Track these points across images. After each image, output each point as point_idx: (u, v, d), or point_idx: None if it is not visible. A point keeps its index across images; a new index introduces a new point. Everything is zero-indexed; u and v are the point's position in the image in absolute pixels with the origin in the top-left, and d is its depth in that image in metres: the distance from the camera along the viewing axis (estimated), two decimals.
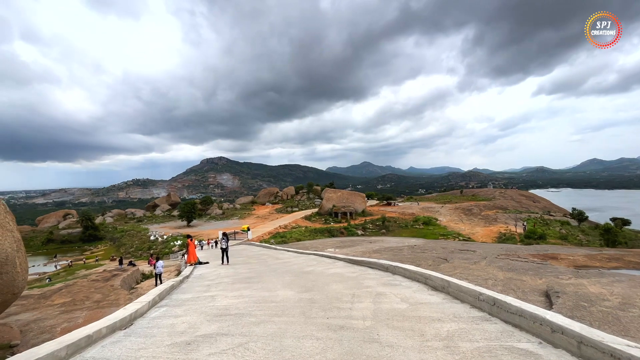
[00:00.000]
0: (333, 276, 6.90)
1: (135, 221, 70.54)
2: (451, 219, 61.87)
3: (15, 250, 4.84)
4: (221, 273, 9.01)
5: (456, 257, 9.89)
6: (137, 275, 14.15)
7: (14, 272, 4.83)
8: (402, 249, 13.17)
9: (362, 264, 8.01)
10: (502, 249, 12.30)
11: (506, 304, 3.47)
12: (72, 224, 61.61)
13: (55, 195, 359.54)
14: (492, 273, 7.29)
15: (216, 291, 6.31)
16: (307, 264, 9.31)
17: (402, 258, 10.02)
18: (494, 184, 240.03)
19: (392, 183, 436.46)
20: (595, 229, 55.83)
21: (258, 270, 8.97)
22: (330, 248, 16.37)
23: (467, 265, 8.47)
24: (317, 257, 10.92)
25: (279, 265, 9.73)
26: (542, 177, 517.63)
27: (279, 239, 40.27)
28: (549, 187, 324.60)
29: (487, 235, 48.51)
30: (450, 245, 13.94)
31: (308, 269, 8.08)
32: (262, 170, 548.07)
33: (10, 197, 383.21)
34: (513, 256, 10.07)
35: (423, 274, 5.62)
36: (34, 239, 56.79)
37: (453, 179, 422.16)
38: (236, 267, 10.54)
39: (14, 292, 5.08)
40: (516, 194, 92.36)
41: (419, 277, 5.74)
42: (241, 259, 14.21)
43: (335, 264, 8.62)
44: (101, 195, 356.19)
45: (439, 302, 4.37)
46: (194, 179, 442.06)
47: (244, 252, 19.44)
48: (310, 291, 5.60)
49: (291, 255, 12.95)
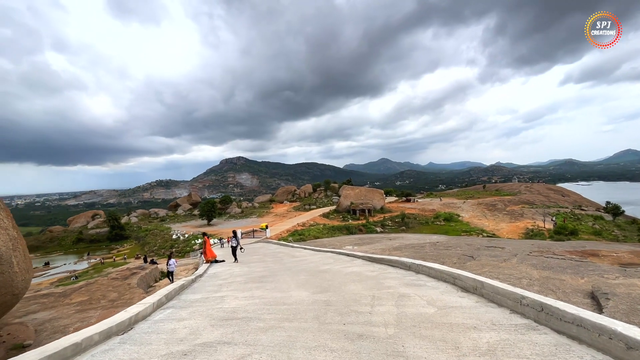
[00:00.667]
0: (351, 275, 6.42)
1: (158, 220, 72.56)
2: (474, 215, 59.71)
3: (12, 249, 4.67)
4: (235, 272, 8.73)
5: (483, 255, 9.16)
6: (155, 273, 14.20)
7: (11, 272, 4.66)
8: (423, 245, 12.50)
9: (382, 262, 7.48)
10: (534, 246, 11.37)
11: (559, 310, 2.87)
12: (100, 224, 64.11)
13: (85, 197, 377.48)
14: (525, 271, 6.59)
15: (227, 291, 5.98)
16: (324, 262, 8.87)
17: (424, 255, 9.41)
18: (519, 178, 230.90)
19: (410, 179, 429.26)
20: (633, 223, 52.44)
21: (273, 268, 8.62)
22: (348, 245, 15.87)
23: (496, 263, 7.76)
24: (334, 254, 10.46)
25: (295, 263, 9.35)
26: (571, 170, 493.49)
27: (297, 237, 40.11)
28: (578, 181, 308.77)
29: (513, 232, 46.41)
30: (476, 241, 13.11)
31: (324, 268, 7.64)
32: (280, 169, 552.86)
33: (45, 199, 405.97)
34: (547, 253, 9.22)
35: (451, 273, 5.05)
36: (65, 239, 59.55)
37: (475, 174, 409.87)
38: (251, 265, 10.26)
39: (14, 293, 4.94)
40: (543, 188, 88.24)
41: (446, 276, 5.17)
42: (257, 257, 13.96)
43: (353, 262, 8.14)
44: (127, 196, 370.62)
45: (472, 306, 3.81)
46: (214, 179, 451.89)
47: (261, 250, 19.24)
48: (325, 292, 5.15)
49: (307, 253, 12.55)
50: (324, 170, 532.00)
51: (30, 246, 57.29)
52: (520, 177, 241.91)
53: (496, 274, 6.42)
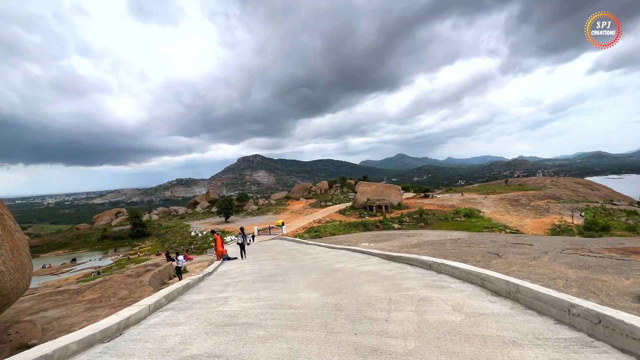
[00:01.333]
0: (365, 275, 5.94)
1: (178, 218, 74.22)
2: (496, 211, 57.54)
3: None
4: (245, 270, 8.42)
5: (510, 252, 8.43)
6: (170, 270, 14.18)
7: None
8: (444, 242, 11.81)
9: (400, 260, 6.94)
10: (565, 242, 10.45)
11: (624, 324, 2.30)
12: (123, 222, 66.20)
13: (110, 196, 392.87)
14: (559, 271, 5.90)
15: (233, 291, 5.62)
16: (338, 260, 8.42)
17: (445, 253, 8.78)
18: (544, 172, 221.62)
19: (428, 175, 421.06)
20: None
21: (284, 267, 8.25)
22: (364, 242, 15.35)
23: (525, 262, 7.07)
24: (349, 252, 9.99)
25: (307, 261, 8.94)
26: (600, 163, 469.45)
27: (313, 234, 39.84)
28: (608, 174, 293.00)
29: (538, 228, 44.34)
30: (500, 238, 12.28)
31: (337, 266, 7.19)
32: (296, 166, 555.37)
33: (74, 198, 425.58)
34: (582, 250, 8.37)
35: (478, 273, 4.47)
36: (91, 236, 61.87)
37: (496, 169, 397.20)
38: (262, 263, 9.95)
39: (2, 294, 4.77)
40: (571, 182, 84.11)
41: (473, 277, 4.59)
42: (270, 254, 13.67)
43: (368, 260, 7.64)
44: (149, 195, 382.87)
45: (506, 314, 3.25)
46: (231, 176, 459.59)
47: (275, 247, 19.01)
48: (337, 294, 4.70)
49: (321, 251, 12.13)
50: (340, 167, 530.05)
51: (59, 243, 59.95)
52: (544, 171, 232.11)
53: (526, 274, 5.78)
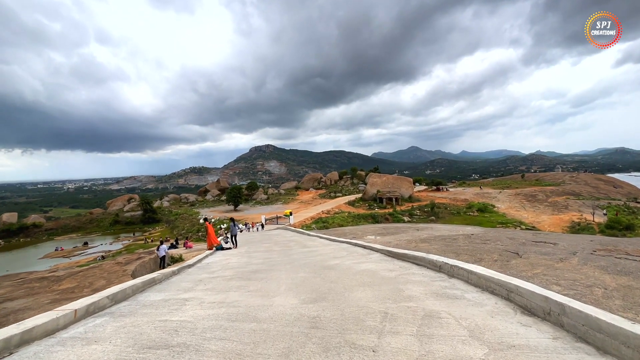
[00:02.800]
0: (362, 275, 4.99)
1: (188, 205, 74.84)
2: (511, 206, 55.49)
3: None
4: (231, 263, 7.61)
5: (531, 251, 7.31)
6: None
7: None
8: (456, 238, 10.67)
9: (405, 258, 5.96)
10: (594, 242, 9.13)
11: None
12: (135, 208, 67.10)
13: (126, 182, 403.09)
14: (594, 276, 4.81)
15: (200, 291, 4.75)
16: (335, 254, 7.50)
17: (457, 250, 7.75)
18: (562, 167, 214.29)
19: (442, 168, 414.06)
20: None
21: (274, 260, 7.39)
22: (370, 235, 14.40)
23: (551, 263, 5.98)
24: (349, 245, 9.07)
25: (302, 255, 8.06)
26: (622, 159, 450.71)
27: (320, 224, 39.13)
28: (631, 171, 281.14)
29: (555, 225, 42.36)
30: (519, 235, 11.05)
31: (332, 262, 6.28)
32: (308, 156, 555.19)
33: (92, 183, 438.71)
34: (617, 252, 7.16)
35: (503, 282, 3.45)
36: (103, 220, 63.00)
37: (512, 163, 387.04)
38: (253, 255, 9.14)
39: None
40: (592, 178, 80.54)
41: (495, 286, 3.57)
42: (267, 244, 12.90)
43: (369, 257, 6.69)
44: (164, 182, 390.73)
45: (549, 348, 2.25)
46: (243, 166, 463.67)
47: (276, 237, 18.30)
48: (321, 301, 3.78)
49: (321, 243, 11.26)
50: (352, 159, 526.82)
51: (72, 227, 61.22)
52: (563, 167, 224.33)
53: (554, 278, 4.71)
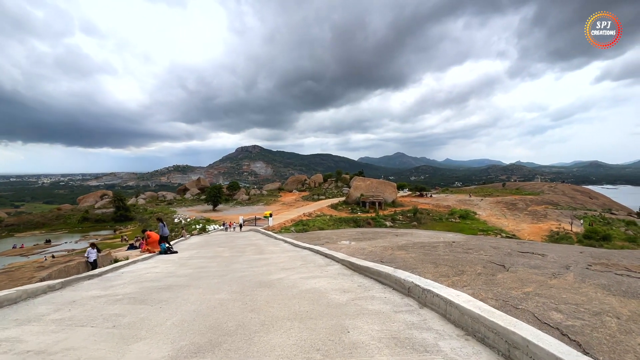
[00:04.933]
0: (302, 299, 3.86)
1: (165, 204, 72.06)
2: (492, 214, 55.97)
3: None
4: (150, 272, 6.24)
5: (518, 264, 6.48)
6: (104, 261, 11.98)
7: None
8: (436, 245, 9.74)
9: (368, 273, 4.92)
10: (585, 254, 8.36)
11: None
12: (107, 204, 63.86)
13: (106, 179, 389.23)
14: (597, 299, 3.92)
15: (35, 326, 3.43)
16: (287, 264, 6.41)
17: (437, 260, 6.84)
18: (541, 178, 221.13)
19: (426, 175, 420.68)
20: None
21: (207, 271, 6.15)
22: (344, 240, 13.37)
23: (543, 280, 5.12)
24: (311, 253, 8.03)
25: (246, 264, 6.87)
26: (596, 172, 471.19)
27: (300, 227, 38.01)
28: (604, 184, 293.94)
29: (535, 233, 42.76)
30: (503, 244, 10.24)
31: (276, 277, 5.16)
32: (295, 159, 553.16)
33: (70, 179, 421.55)
34: (616, 267, 6.34)
35: (501, 329, 2.22)
36: (72, 217, 59.55)
37: (493, 172, 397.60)
38: (189, 263, 7.85)
39: None
40: (569, 188, 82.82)
41: (488, 332, 2.36)
42: (220, 248, 11.75)
43: (326, 269, 5.63)
44: (146, 180, 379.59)
45: None
46: (229, 166, 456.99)
47: (240, 239, 17.11)
48: (206, 353, 2.55)
49: (282, 249, 10.21)
50: (339, 162, 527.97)
51: (36, 223, 57.64)
52: (541, 178, 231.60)
53: (552, 301, 3.80)
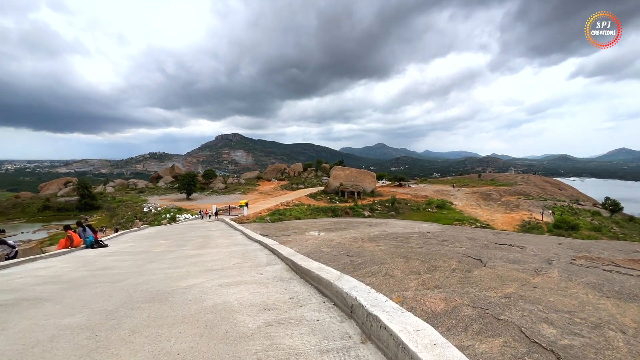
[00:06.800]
0: (193, 324, 2.56)
1: (136, 192, 68.60)
2: (467, 204, 56.98)
3: None
4: (23, 278, 4.89)
5: (496, 257, 5.72)
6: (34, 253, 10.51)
7: None
8: (409, 237, 8.96)
9: (308, 278, 3.76)
10: (564, 246, 7.75)
11: None
12: (71, 192, 59.91)
13: (77, 166, 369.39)
14: (590, 303, 3.10)
15: None
16: (216, 264, 5.33)
17: (408, 253, 6.00)
18: (515, 169, 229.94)
19: (406, 166, 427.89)
20: (630, 221, 50.63)
21: (105, 274, 4.87)
22: (314, 231, 12.45)
23: (525, 277, 4.33)
24: (259, 248, 7.04)
25: (168, 264, 5.65)
26: (564, 165, 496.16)
27: (276, 217, 36.92)
28: (571, 176, 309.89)
29: (508, 223, 43.75)
30: (479, 234, 9.59)
31: (186, 284, 3.98)
32: (276, 148, 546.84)
33: (36, 165, 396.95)
34: (602, 262, 5.67)
35: None
36: (31, 205, 55.43)
37: (469, 164, 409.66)
38: (101, 260, 6.51)
39: None
40: (540, 180, 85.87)
41: None
42: (162, 242, 10.46)
43: (263, 270, 4.52)
44: (120, 167, 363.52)
45: None
46: (208, 154, 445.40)
47: (198, 230, 15.85)
48: None
49: (232, 242, 9.15)
50: (320, 152, 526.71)
51: None
52: (514, 169, 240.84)
53: (539, 308, 2.94)
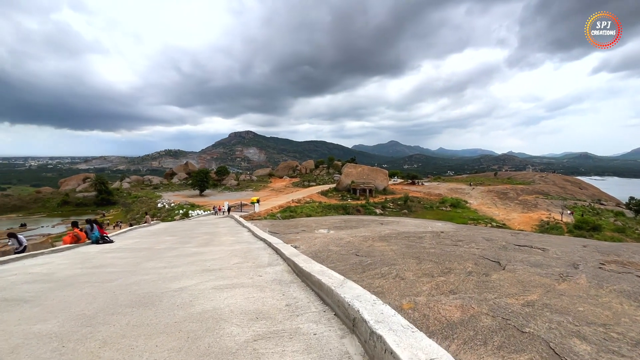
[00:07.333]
0: (174, 335, 2.21)
1: (151, 188, 70.01)
2: (483, 202, 55.55)
3: None
4: (14, 276, 4.85)
5: (516, 260, 5.30)
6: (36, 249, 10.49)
7: None
8: (422, 236, 8.52)
9: (310, 282, 3.50)
10: (590, 248, 7.20)
11: None
12: (89, 188, 61.64)
13: (96, 162, 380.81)
14: (630, 316, 2.63)
15: None
16: (215, 264, 5.08)
17: (421, 253, 5.65)
18: (532, 168, 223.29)
19: (419, 163, 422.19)
20: None
21: (99, 273, 4.62)
22: (323, 229, 12.13)
23: (549, 283, 3.91)
24: (263, 246, 6.82)
25: (165, 263, 5.41)
26: (585, 163, 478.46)
27: (287, 214, 36.86)
28: (592, 175, 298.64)
29: (525, 223, 42.37)
30: (496, 234, 9.09)
31: (178, 285, 3.66)
32: (288, 145, 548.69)
33: (58, 161, 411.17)
34: (634, 266, 5.19)
35: None
36: (51, 200, 57.36)
37: (485, 162, 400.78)
38: (100, 257, 6.36)
39: None
40: (559, 178, 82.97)
41: None
42: (167, 238, 10.36)
43: (260, 274, 4.22)
44: (136, 164, 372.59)
45: None
46: (222, 151, 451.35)
47: (207, 226, 15.67)
48: None
49: (236, 240, 8.94)
50: (332, 150, 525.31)
51: (13, 206, 55.36)
52: (533, 168, 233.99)
53: (569, 320, 2.56)
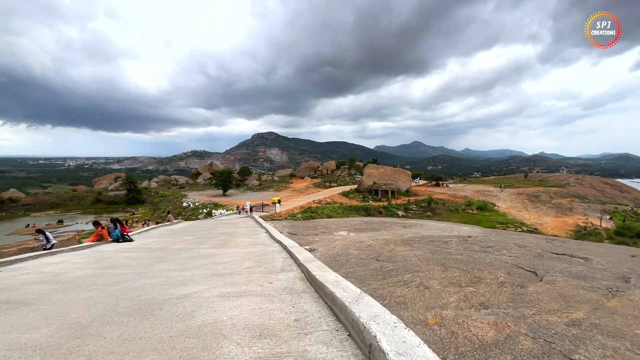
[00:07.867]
0: (166, 353, 2.06)
1: (177, 187, 72.47)
2: (512, 206, 52.93)
3: None
4: (24, 276, 4.91)
5: (555, 270, 4.78)
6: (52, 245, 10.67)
7: None
8: (447, 241, 8.07)
9: (324, 293, 3.22)
10: (638, 258, 6.54)
11: None
12: (120, 187, 64.74)
13: (127, 162, 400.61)
14: None
15: None
16: (226, 268, 4.87)
17: (447, 260, 5.25)
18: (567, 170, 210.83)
19: (444, 164, 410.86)
20: None
21: (109, 274, 4.53)
22: (343, 231, 11.84)
23: (597, 299, 3.42)
24: (278, 249, 6.58)
25: (176, 265, 5.26)
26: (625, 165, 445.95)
27: (308, 214, 36.81)
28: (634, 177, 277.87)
29: (559, 228, 39.87)
30: (530, 241, 8.43)
31: (182, 292, 3.38)
32: (310, 146, 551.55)
33: (94, 162, 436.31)
34: None
35: None
36: (85, 199, 60.75)
37: (514, 163, 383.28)
38: (116, 256, 6.34)
39: None
40: (597, 181, 77.79)
41: None
42: (186, 237, 10.36)
43: (272, 280, 3.94)
44: (165, 164, 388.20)
45: None
46: (245, 152, 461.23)
47: (226, 226, 15.65)
48: None
49: (252, 241, 8.74)
50: (354, 150, 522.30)
51: (52, 203, 59.04)
52: (567, 169, 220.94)
53: (627, 345, 2.15)
